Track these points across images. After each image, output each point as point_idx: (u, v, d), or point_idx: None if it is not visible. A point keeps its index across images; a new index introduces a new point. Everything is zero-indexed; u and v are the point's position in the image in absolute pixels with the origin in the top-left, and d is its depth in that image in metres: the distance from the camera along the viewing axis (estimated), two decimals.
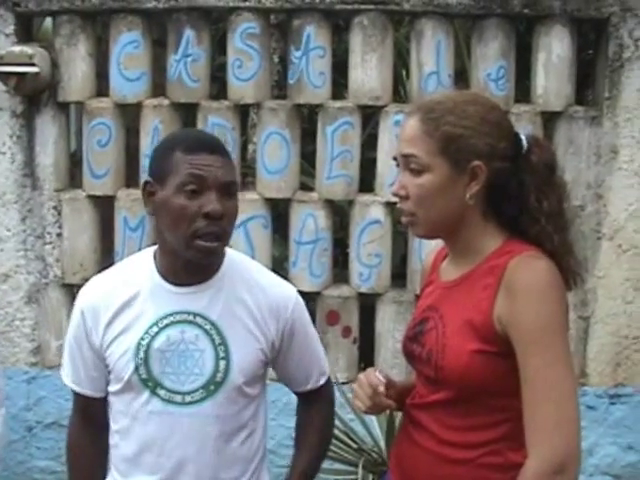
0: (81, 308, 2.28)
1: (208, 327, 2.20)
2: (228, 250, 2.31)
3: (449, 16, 4.36)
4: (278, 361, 2.35)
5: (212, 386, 2.19)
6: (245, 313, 2.25)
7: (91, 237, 4.62)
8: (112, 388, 2.27)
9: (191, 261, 2.17)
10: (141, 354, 2.19)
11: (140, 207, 4.44)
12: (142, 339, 2.19)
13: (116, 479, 2.31)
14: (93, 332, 2.25)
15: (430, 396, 2.09)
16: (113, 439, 2.31)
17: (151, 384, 2.19)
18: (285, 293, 2.34)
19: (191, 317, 2.21)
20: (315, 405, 2.46)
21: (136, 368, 2.19)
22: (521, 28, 4.53)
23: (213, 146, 2.18)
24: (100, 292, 2.29)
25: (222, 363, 2.19)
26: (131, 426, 2.24)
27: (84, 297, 2.31)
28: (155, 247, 2.31)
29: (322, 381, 2.44)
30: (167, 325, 2.20)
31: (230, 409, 2.22)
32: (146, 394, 2.20)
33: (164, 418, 2.20)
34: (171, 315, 2.21)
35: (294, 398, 2.52)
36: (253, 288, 2.28)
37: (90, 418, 2.36)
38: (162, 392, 2.19)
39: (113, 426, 2.31)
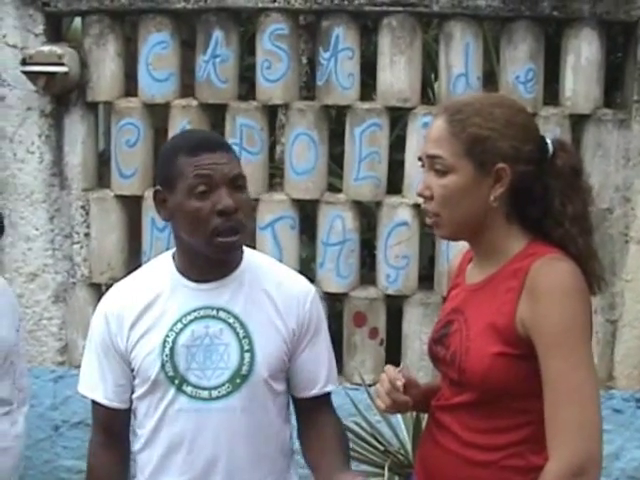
0: (104, 314, 2.29)
1: (232, 321, 2.22)
2: (245, 248, 2.32)
3: (478, 18, 4.36)
4: (292, 358, 2.32)
5: (238, 379, 2.20)
6: (267, 305, 2.26)
7: (119, 237, 4.63)
8: (137, 393, 2.27)
9: (210, 258, 2.19)
10: (167, 351, 2.20)
11: None
12: (167, 336, 2.21)
13: None
14: (118, 337, 2.25)
15: (454, 398, 2.09)
16: (138, 445, 2.31)
17: (177, 381, 2.20)
18: (303, 287, 2.36)
19: (214, 312, 2.22)
20: (321, 418, 2.38)
21: (162, 365, 2.20)
22: (550, 31, 4.53)
23: (214, 144, 2.21)
24: (122, 297, 2.30)
25: (247, 356, 2.20)
26: (158, 428, 2.25)
27: (106, 303, 2.33)
28: (172, 251, 2.32)
29: (329, 388, 2.39)
30: (191, 321, 2.21)
31: (257, 403, 2.23)
32: (172, 392, 2.21)
33: (192, 415, 2.20)
34: (195, 311, 2.22)
35: None
36: (273, 281, 2.30)
37: (114, 435, 2.34)
38: (188, 389, 2.20)
39: (138, 432, 2.31)
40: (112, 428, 2.34)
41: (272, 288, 2.28)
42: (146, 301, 2.25)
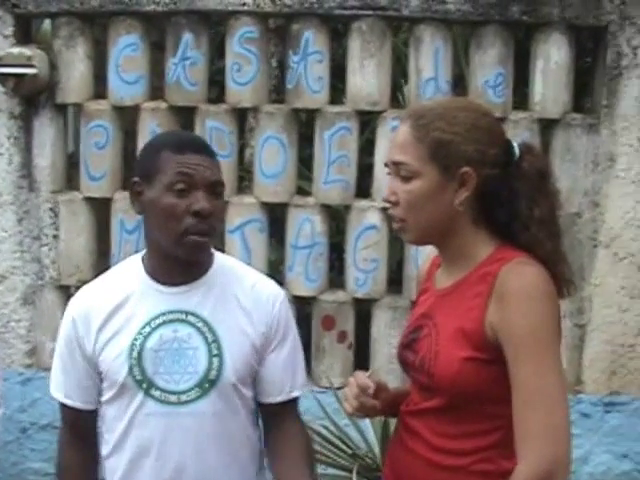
0: (72, 316, 2.28)
1: (200, 325, 2.21)
2: (215, 252, 2.32)
3: (448, 22, 4.36)
4: (260, 362, 2.30)
5: (206, 384, 2.19)
6: (236, 310, 2.25)
7: (87, 239, 4.62)
8: (105, 396, 2.26)
9: (180, 259, 2.19)
10: (135, 354, 2.18)
11: None
12: (135, 339, 2.19)
13: None
14: (85, 339, 2.24)
15: (423, 403, 2.09)
16: (106, 450, 2.30)
17: (145, 385, 2.18)
18: (273, 290, 2.35)
19: (183, 316, 2.21)
20: (286, 426, 2.35)
21: (130, 369, 2.18)
22: (519, 35, 4.52)
23: (200, 146, 2.22)
24: (90, 299, 2.29)
25: (215, 360, 2.19)
26: (127, 432, 2.23)
27: (74, 305, 2.31)
28: (142, 253, 2.32)
29: (295, 393, 2.36)
30: (159, 325, 2.20)
31: (226, 408, 2.21)
32: (140, 396, 2.19)
33: (160, 419, 2.19)
34: (163, 315, 2.21)
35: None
36: (242, 285, 2.29)
37: (81, 433, 2.34)
38: (157, 393, 2.18)
39: (106, 436, 2.29)
40: (77, 428, 2.33)
41: (242, 292, 2.27)
42: (114, 303, 2.24)
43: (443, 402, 2.02)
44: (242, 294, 2.27)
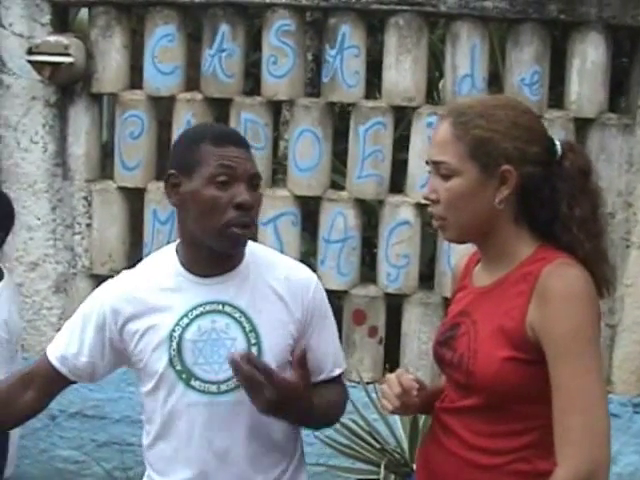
0: (101, 301, 2.28)
1: (237, 315, 2.22)
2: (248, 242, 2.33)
3: (485, 19, 4.35)
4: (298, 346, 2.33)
5: None
6: (272, 298, 2.27)
7: (120, 229, 4.64)
8: (146, 387, 2.27)
9: (216, 252, 2.20)
10: (174, 345, 2.20)
11: None
12: (174, 331, 2.20)
13: (154, 479, 2.32)
14: (110, 326, 2.25)
15: (460, 401, 2.08)
16: (147, 440, 2.32)
17: (185, 376, 2.20)
18: (307, 275, 2.36)
19: (220, 307, 2.22)
20: (326, 386, 2.39)
21: (170, 360, 2.20)
22: (556, 34, 4.51)
23: (238, 139, 2.24)
24: (121, 288, 2.29)
25: (254, 349, 2.20)
26: (168, 423, 2.25)
27: (105, 291, 2.32)
28: (175, 244, 2.33)
29: (336, 372, 2.41)
30: (197, 316, 2.21)
31: None
32: (181, 387, 2.20)
33: (202, 409, 2.20)
34: (200, 306, 2.22)
35: None
36: (276, 273, 2.30)
37: (39, 389, 2.33)
38: (197, 383, 2.20)
39: (147, 427, 2.31)
40: (41, 386, 2.32)
41: (276, 280, 2.29)
42: (149, 295, 2.25)
43: (480, 401, 2.01)
44: (276, 282, 2.28)
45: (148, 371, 2.25)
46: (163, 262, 2.32)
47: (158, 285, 2.26)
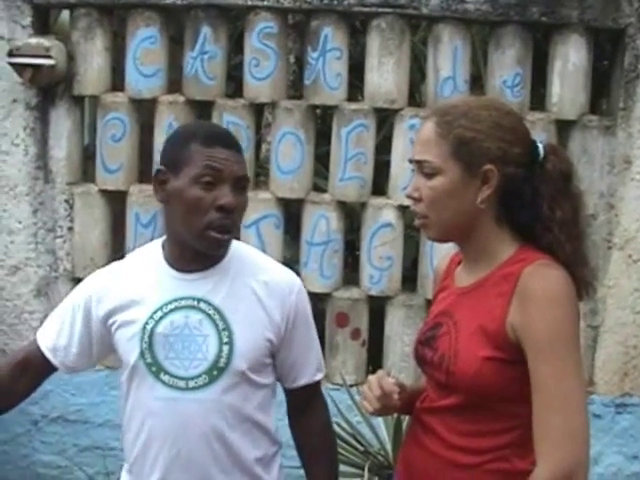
0: (87, 292, 2.33)
1: (211, 312, 2.23)
2: (232, 241, 2.34)
3: (467, 22, 4.37)
4: (280, 350, 2.34)
5: (215, 371, 2.21)
6: (251, 298, 2.27)
7: (102, 232, 4.62)
8: (123, 376, 2.31)
9: (198, 250, 2.22)
10: (146, 339, 2.22)
11: (152, 203, 4.44)
12: (147, 324, 2.23)
13: (128, 475, 2.36)
14: (97, 319, 2.30)
15: (440, 401, 2.10)
16: (129, 438, 2.33)
17: (155, 369, 2.22)
18: (289, 278, 2.37)
19: (195, 302, 2.24)
20: (309, 409, 2.46)
21: (141, 353, 2.23)
22: (538, 36, 4.53)
23: (228, 140, 2.24)
24: (107, 280, 2.34)
25: (225, 348, 2.21)
26: (135, 414, 2.28)
27: (90, 283, 2.37)
28: (163, 239, 2.35)
29: (318, 377, 2.44)
30: (171, 310, 2.23)
31: (234, 396, 2.23)
32: (151, 380, 2.23)
33: (168, 404, 2.22)
34: (175, 301, 2.24)
35: None
36: (258, 274, 2.31)
37: (32, 378, 2.39)
38: (166, 377, 2.21)
39: (130, 426, 2.32)
40: (29, 371, 2.38)
41: (257, 280, 2.30)
42: (131, 288, 2.28)
43: (461, 400, 2.03)
44: (256, 283, 2.29)
45: (123, 362, 2.29)
46: (148, 255, 2.35)
47: (139, 278, 2.30)
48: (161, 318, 2.22)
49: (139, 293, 2.27)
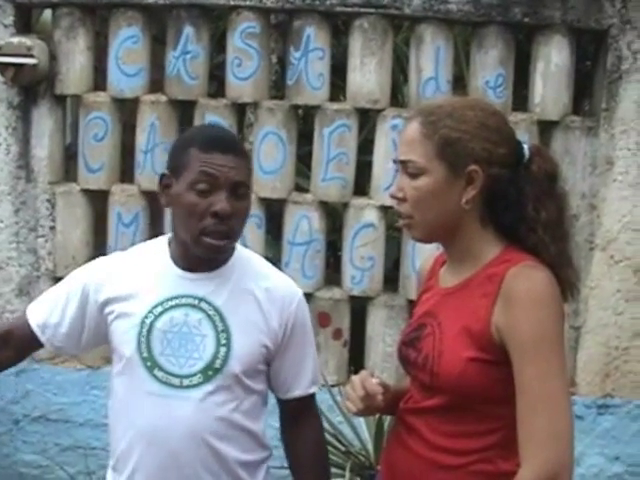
0: (89, 276, 2.35)
1: (212, 313, 2.24)
2: (237, 245, 2.35)
3: (449, 22, 4.36)
4: (275, 358, 2.34)
5: (210, 372, 2.21)
6: (251, 303, 2.28)
7: (84, 231, 4.61)
8: (116, 369, 2.30)
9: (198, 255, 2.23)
10: (144, 332, 2.23)
11: (134, 203, 4.46)
12: (146, 317, 2.24)
13: (113, 472, 2.34)
14: (93, 305, 2.30)
15: (424, 401, 2.09)
16: (116, 434, 2.32)
17: (150, 364, 2.22)
18: (291, 289, 2.38)
19: (196, 301, 2.25)
20: (301, 422, 2.45)
21: (138, 346, 2.23)
22: (521, 37, 4.53)
23: (228, 145, 2.23)
24: (109, 268, 2.35)
25: (222, 350, 2.22)
26: (126, 408, 2.27)
27: (93, 268, 2.39)
28: (170, 235, 2.36)
29: (312, 389, 2.44)
30: (172, 307, 2.24)
31: (227, 398, 2.23)
32: (144, 374, 2.22)
33: (159, 400, 2.21)
34: (177, 298, 2.25)
35: None
36: (260, 280, 2.31)
37: (17, 350, 2.41)
38: (160, 374, 2.22)
39: (118, 421, 2.32)
40: (15, 343, 2.39)
41: (258, 286, 2.30)
42: (133, 280, 2.29)
43: (444, 401, 2.03)
44: (258, 289, 2.30)
45: (118, 353, 2.28)
46: (153, 250, 2.36)
47: (142, 271, 2.30)
48: (161, 313, 2.23)
49: (141, 286, 2.27)
